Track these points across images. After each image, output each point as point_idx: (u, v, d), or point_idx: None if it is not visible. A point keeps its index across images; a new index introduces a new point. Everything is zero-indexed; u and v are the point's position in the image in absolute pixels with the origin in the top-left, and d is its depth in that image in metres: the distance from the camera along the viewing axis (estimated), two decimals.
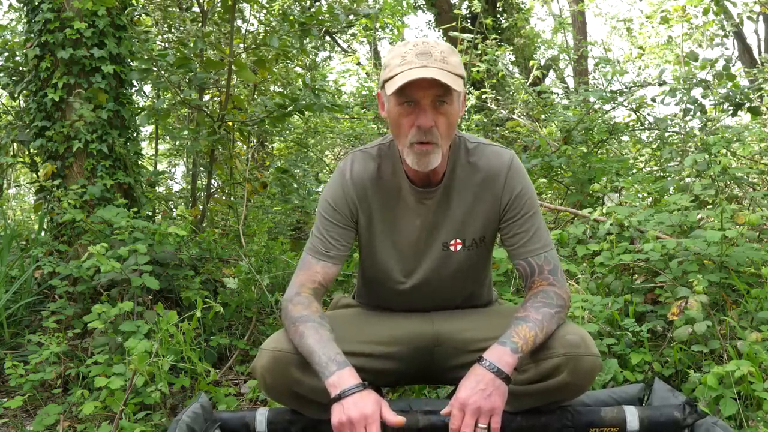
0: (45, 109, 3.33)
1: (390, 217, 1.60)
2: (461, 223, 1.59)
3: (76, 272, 2.71)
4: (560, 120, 4.84)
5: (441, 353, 1.64)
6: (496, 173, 1.56)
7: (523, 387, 1.50)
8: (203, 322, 2.71)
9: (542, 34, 11.36)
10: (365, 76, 8.16)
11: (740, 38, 8.84)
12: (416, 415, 1.56)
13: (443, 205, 1.58)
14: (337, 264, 1.60)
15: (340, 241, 1.59)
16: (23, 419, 2.24)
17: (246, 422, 1.59)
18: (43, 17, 3.28)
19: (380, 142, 1.62)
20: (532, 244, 1.56)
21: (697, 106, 3.99)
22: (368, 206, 1.60)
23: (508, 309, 1.74)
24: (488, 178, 1.56)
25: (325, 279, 1.59)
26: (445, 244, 1.60)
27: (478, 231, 1.60)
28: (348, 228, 1.60)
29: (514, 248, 1.58)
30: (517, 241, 1.57)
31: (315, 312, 1.50)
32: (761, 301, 2.14)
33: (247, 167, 4.44)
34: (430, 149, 1.44)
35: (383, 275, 1.66)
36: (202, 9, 4.38)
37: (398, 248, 1.62)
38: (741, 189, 3.43)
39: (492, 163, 1.56)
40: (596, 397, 1.65)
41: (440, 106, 1.42)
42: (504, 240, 1.61)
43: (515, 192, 1.56)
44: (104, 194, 3.27)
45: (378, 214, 1.60)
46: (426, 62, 1.39)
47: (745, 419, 1.75)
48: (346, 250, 1.61)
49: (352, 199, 1.59)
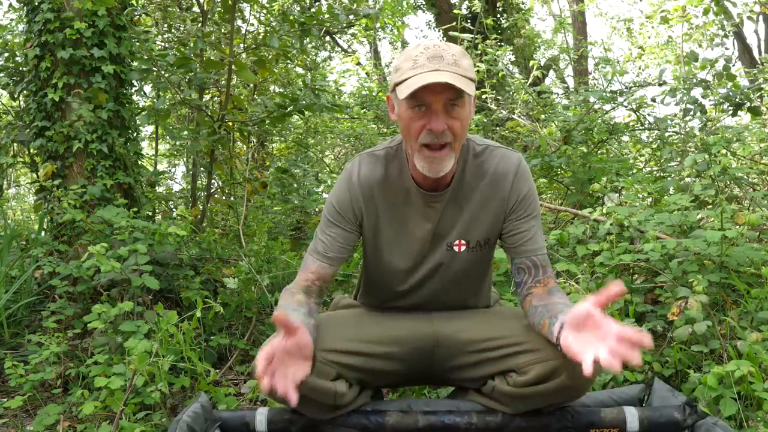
0: (45, 109, 3.33)
1: (397, 220, 1.60)
2: (468, 225, 1.59)
3: (76, 272, 2.71)
4: (560, 120, 4.84)
5: (441, 354, 1.64)
6: (504, 176, 1.57)
7: (523, 389, 1.50)
8: (203, 322, 2.71)
9: (542, 34, 11.37)
10: (365, 76, 8.17)
11: (740, 38, 8.84)
12: (416, 415, 1.56)
13: (451, 209, 1.58)
14: (333, 265, 1.60)
15: (340, 244, 1.60)
16: (23, 419, 2.24)
17: (246, 422, 1.60)
18: (43, 17, 3.27)
19: (388, 144, 1.62)
20: (535, 243, 1.58)
21: (697, 106, 3.99)
22: (375, 209, 1.60)
23: (508, 310, 1.75)
24: (496, 180, 1.57)
25: (319, 278, 1.59)
26: (450, 244, 1.61)
27: (483, 233, 1.61)
28: (350, 231, 1.61)
29: (517, 246, 1.58)
30: (521, 240, 1.58)
31: (294, 301, 1.53)
32: (761, 301, 2.14)
33: (247, 167, 4.44)
34: (443, 155, 1.44)
35: (387, 276, 1.67)
36: (202, 9, 4.38)
37: (403, 250, 1.62)
38: (741, 189, 3.43)
39: (500, 166, 1.57)
40: (596, 397, 1.65)
41: (452, 110, 1.41)
42: (506, 238, 1.61)
43: (522, 194, 1.57)
44: (104, 194, 3.27)
45: (384, 217, 1.60)
46: (438, 66, 1.38)
47: (745, 419, 1.75)
48: (346, 253, 1.62)
49: (357, 203, 1.59)
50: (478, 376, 1.60)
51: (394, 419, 1.57)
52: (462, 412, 1.58)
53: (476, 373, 1.60)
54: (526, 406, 1.54)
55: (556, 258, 2.83)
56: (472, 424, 1.56)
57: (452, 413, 1.58)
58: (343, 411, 1.58)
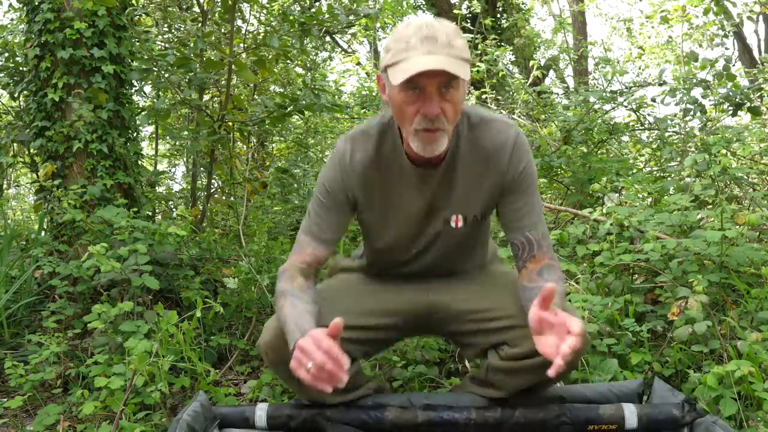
0: (45, 109, 3.33)
1: (390, 197, 1.58)
2: (464, 199, 1.57)
3: (76, 272, 2.71)
4: (560, 120, 4.84)
5: (438, 319, 1.67)
6: (501, 149, 1.52)
7: (513, 362, 1.53)
8: (203, 322, 2.71)
9: (542, 34, 11.37)
10: (365, 76, 8.16)
11: (740, 38, 8.84)
12: (415, 410, 1.57)
13: (446, 184, 1.55)
14: (329, 248, 1.61)
15: (335, 225, 1.60)
16: (23, 419, 2.24)
17: (246, 417, 1.61)
18: (43, 17, 3.27)
19: (379, 120, 1.58)
20: (530, 218, 1.55)
21: (697, 106, 3.99)
22: (368, 188, 1.57)
23: (504, 278, 1.73)
24: (493, 154, 1.52)
25: (315, 261, 1.61)
26: (447, 220, 1.59)
27: (479, 207, 1.58)
28: (343, 213, 1.60)
29: (512, 222, 1.56)
30: (516, 216, 1.56)
31: (297, 286, 1.54)
32: (761, 301, 2.14)
33: (247, 167, 4.44)
34: (437, 136, 1.40)
35: (383, 249, 1.67)
36: (202, 9, 4.38)
37: (399, 226, 1.61)
38: (741, 189, 3.43)
39: (497, 139, 1.52)
40: (595, 389, 1.66)
41: (446, 92, 1.37)
42: (502, 214, 1.59)
43: (520, 168, 1.53)
44: (104, 194, 3.27)
45: (378, 194, 1.58)
46: (431, 47, 1.32)
47: (745, 419, 1.75)
48: (341, 234, 1.62)
49: (350, 185, 1.57)
50: (475, 343, 1.63)
51: (393, 414, 1.58)
52: (461, 408, 1.58)
53: (473, 340, 1.63)
54: (517, 383, 1.56)
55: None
56: (471, 419, 1.57)
57: (451, 409, 1.58)
58: (345, 397, 1.61)
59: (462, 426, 1.56)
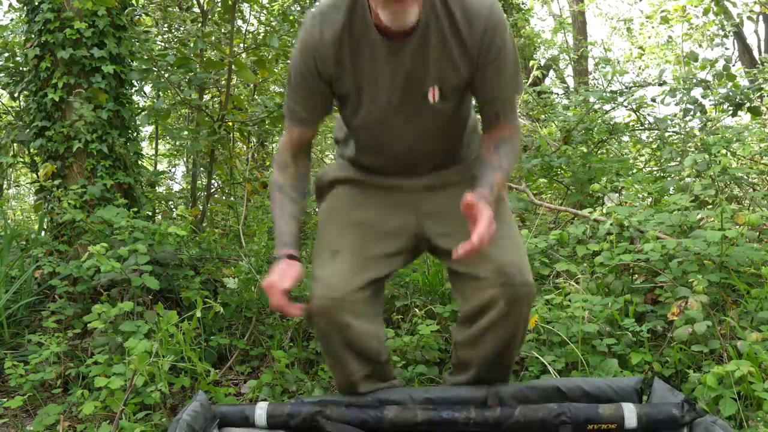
0: (45, 109, 3.33)
1: (362, 71, 1.53)
2: (438, 71, 1.51)
3: (76, 272, 2.71)
4: (560, 120, 4.84)
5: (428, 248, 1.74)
6: (475, 17, 1.46)
7: (470, 329, 1.59)
8: (203, 322, 2.71)
9: (542, 34, 11.36)
10: None
11: (740, 38, 8.84)
12: (414, 409, 1.57)
13: (418, 56, 1.49)
14: (312, 127, 1.66)
15: (312, 105, 1.62)
16: (23, 419, 2.24)
17: (246, 416, 1.61)
18: (43, 17, 3.27)
19: None
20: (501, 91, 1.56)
21: (697, 106, 3.99)
22: (340, 62, 1.52)
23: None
24: (466, 23, 1.46)
25: (303, 141, 1.68)
26: (424, 94, 1.54)
27: (455, 78, 1.53)
28: (318, 91, 1.59)
29: (484, 97, 1.58)
30: (488, 90, 1.56)
31: (288, 178, 1.67)
32: (761, 301, 2.14)
33: (247, 167, 4.44)
34: (406, 6, 1.35)
35: (362, 126, 1.64)
36: (202, 9, 4.38)
37: (375, 100, 1.56)
38: (741, 189, 3.43)
39: (471, 8, 1.46)
40: (594, 384, 1.66)
41: None
42: (475, 88, 1.58)
43: (494, 37, 1.47)
44: (104, 194, 3.27)
45: (350, 68, 1.53)
46: None
47: (745, 419, 1.75)
48: (321, 113, 1.65)
49: (321, 60, 1.52)
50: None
51: (393, 413, 1.58)
52: (460, 407, 1.59)
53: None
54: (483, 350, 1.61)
55: (556, 258, 2.83)
56: (471, 418, 1.57)
57: (451, 408, 1.59)
58: (377, 385, 1.67)
59: (461, 425, 1.57)
